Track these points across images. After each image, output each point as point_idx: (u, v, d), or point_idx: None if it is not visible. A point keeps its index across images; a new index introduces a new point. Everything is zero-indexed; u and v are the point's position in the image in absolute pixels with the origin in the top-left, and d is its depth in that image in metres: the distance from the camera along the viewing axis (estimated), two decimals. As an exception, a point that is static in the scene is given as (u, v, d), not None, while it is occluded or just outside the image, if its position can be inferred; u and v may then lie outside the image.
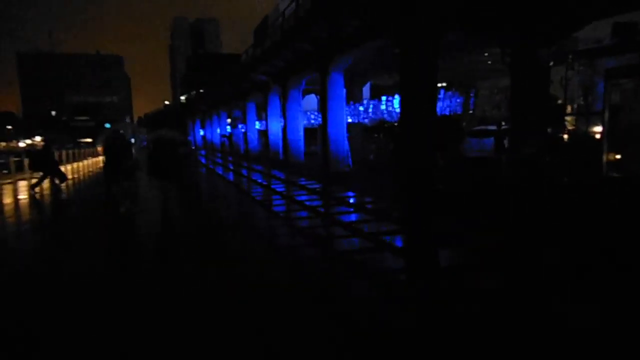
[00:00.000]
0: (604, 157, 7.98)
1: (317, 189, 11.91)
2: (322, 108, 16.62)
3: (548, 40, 11.06)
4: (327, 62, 15.75)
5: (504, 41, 12.05)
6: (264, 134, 31.09)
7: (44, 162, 13.01)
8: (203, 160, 30.38)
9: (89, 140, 78.40)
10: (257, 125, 34.48)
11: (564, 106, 11.54)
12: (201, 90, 58.82)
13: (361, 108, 18.42)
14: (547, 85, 11.68)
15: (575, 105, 11.55)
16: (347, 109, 18.72)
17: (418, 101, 10.51)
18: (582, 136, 10.94)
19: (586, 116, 11.46)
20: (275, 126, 25.87)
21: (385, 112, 17.47)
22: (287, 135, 22.50)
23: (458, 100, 12.90)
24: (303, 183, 13.43)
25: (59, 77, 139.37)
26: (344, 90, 16.29)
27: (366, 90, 31.43)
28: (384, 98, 18.16)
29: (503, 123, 14.22)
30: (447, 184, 11.38)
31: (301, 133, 22.50)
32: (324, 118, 16.52)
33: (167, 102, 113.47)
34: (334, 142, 16.36)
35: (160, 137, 7.43)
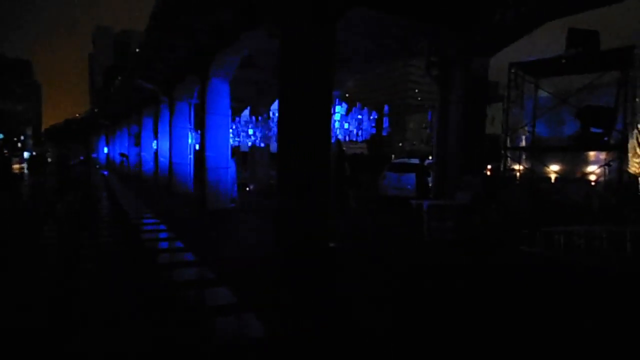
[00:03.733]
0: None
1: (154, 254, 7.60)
2: (200, 125, 12.50)
3: (488, 46, 8.02)
4: (206, 64, 11.77)
5: (431, 46, 8.91)
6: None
7: None
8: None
9: (-31, 152, 67.35)
10: (155, 144, 29.44)
11: (504, 137, 8.46)
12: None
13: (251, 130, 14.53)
14: (484, 107, 8.61)
15: (524, 136, 8.60)
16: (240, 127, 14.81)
17: (304, 115, 6.79)
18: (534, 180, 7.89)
19: (535, 151, 8.48)
20: (165, 146, 21.17)
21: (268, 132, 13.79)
22: (172, 158, 18.08)
23: (371, 118, 9.48)
24: (150, 228, 9.05)
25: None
26: (229, 101, 12.34)
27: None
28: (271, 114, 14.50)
29: (430, 158, 10.98)
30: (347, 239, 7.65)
31: (190, 156, 18.18)
32: (202, 138, 12.40)
33: (78, 115, 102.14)
34: (214, 171, 12.23)
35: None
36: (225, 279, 5.44)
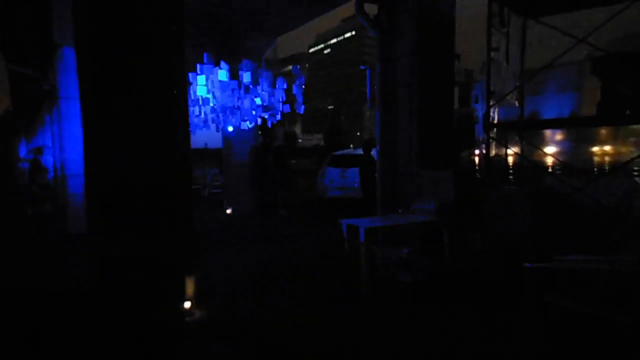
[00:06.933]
0: None
1: None
2: (58, 117, 8.75)
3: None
4: (46, 22, 8.06)
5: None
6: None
7: None
8: None
9: None
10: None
11: (487, 109, 5.33)
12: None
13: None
14: (451, 62, 5.52)
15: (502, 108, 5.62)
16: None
17: (124, 82, 3.48)
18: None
19: (521, 127, 5.49)
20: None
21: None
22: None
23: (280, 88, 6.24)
24: None
25: None
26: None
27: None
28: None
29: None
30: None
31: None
32: (59, 135, 8.69)
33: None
34: (76, 179, 8.58)
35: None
36: None
